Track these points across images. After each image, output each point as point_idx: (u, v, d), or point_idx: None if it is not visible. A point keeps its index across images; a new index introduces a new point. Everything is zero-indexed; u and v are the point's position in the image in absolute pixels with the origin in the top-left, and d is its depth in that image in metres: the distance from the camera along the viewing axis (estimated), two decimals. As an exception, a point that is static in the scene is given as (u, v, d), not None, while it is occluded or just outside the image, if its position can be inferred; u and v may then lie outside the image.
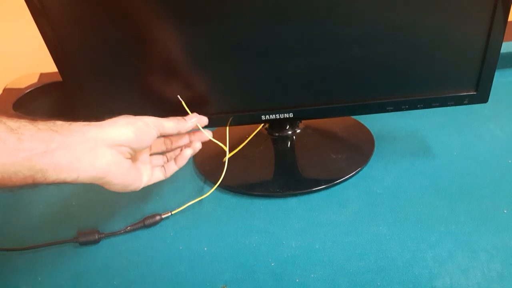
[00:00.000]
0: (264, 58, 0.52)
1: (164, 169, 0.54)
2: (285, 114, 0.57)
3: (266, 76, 0.54)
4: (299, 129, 0.67)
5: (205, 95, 0.56)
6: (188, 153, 0.54)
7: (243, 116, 0.58)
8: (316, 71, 0.53)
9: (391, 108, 0.56)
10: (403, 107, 0.55)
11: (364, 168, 0.60)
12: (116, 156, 0.44)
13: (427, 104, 0.55)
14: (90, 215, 0.59)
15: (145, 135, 0.47)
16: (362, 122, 0.70)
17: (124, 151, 0.45)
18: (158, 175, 0.53)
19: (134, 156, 0.49)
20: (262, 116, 0.58)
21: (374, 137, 0.66)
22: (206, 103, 0.57)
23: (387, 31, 0.50)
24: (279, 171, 0.62)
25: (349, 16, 0.49)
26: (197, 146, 0.55)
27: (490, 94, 0.54)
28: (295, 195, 0.57)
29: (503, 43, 0.50)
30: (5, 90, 0.91)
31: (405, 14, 0.48)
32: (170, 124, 0.50)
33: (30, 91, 0.80)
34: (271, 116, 0.58)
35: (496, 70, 0.52)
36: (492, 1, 0.47)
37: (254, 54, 0.52)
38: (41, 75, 0.94)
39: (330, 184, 0.58)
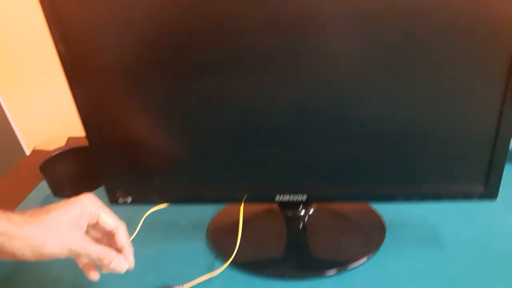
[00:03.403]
0: (281, 144, 0.55)
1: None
2: (299, 197, 0.59)
3: (282, 161, 0.56)
4: (312, 209, 0.68)
5: (222, 171, 0.59)
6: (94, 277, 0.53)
7: (258, 194, 0.60)
8: (330, 160, 0.56)
9: (401, 198, 0.57)
10: (413, 199, 0.57)
11: (376, 255, 0.61)
12: None
13: (436, 197, 0.57)
14: (98, 285, 0.60)
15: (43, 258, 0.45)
16: (375, 206, 0.71)
17: None
18: None
19: None
20: (276, 197, 0.60)
21: (386, 223, 0.67)
22: (222, 178, 0.59)
23: (398, 125, 0.52)
24: (290, 252, 0.63)
25: (361, 110, 0.51)
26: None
27: (504, 183, 0.54)
28: (306, 278, 0.57)
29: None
30: (33, 151, 0.96)
31: (415, 110, 0.51)
32: (94, 254, 0.47)
33: (56, 154, 0.83)
34: (285, 197, 0.59)
35: (508, 163, 0.53)
36: (499, 99, 0.48)
37: (271, 140, 0.55)
38: (69, 139, 0.99)
39: (341, 269, 0.58)
